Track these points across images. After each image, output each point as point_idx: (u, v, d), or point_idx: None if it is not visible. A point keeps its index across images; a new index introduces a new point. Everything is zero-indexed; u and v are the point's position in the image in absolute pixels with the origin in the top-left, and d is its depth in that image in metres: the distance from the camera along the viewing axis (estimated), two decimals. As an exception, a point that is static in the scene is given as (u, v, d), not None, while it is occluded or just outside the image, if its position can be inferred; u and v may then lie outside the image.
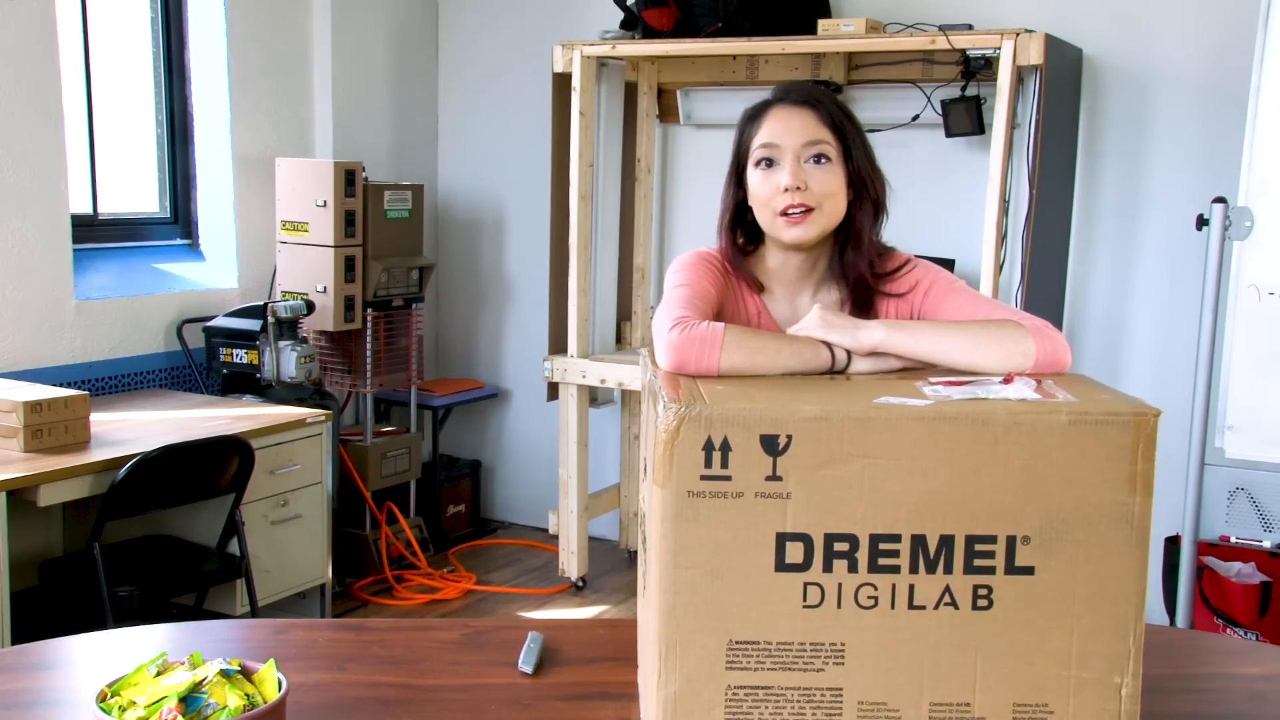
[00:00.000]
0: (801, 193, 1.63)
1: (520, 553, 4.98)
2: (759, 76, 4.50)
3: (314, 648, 1.74)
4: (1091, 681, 1.23)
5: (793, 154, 1.64)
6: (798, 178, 1.63)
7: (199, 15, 4.39)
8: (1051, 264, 3.98)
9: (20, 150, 3.71)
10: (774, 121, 1.67)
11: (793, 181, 1.63)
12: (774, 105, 1.69)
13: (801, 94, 1.69)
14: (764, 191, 1.66)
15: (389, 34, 5.00)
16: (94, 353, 3.98)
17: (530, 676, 1.62)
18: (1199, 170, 3.95)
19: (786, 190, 1.63)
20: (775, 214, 1.66)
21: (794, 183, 1.63)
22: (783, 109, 1.68)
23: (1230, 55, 3.82)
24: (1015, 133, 3.73)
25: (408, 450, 4.70)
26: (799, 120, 1.65)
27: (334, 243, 4.25)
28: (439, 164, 5.32)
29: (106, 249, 4.24)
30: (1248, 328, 3.26)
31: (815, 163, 1.65)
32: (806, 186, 1.63)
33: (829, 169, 1.65)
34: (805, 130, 1.65)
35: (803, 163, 1.64)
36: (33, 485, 3.02)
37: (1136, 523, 1.21)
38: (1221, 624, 3.39)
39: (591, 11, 4.70)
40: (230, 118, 4.41)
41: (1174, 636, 1.97)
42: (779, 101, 1.69)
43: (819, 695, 1.22)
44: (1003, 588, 1.21)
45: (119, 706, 1.28)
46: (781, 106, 1.68)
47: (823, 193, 1.64)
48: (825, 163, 1.65)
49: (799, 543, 1.19)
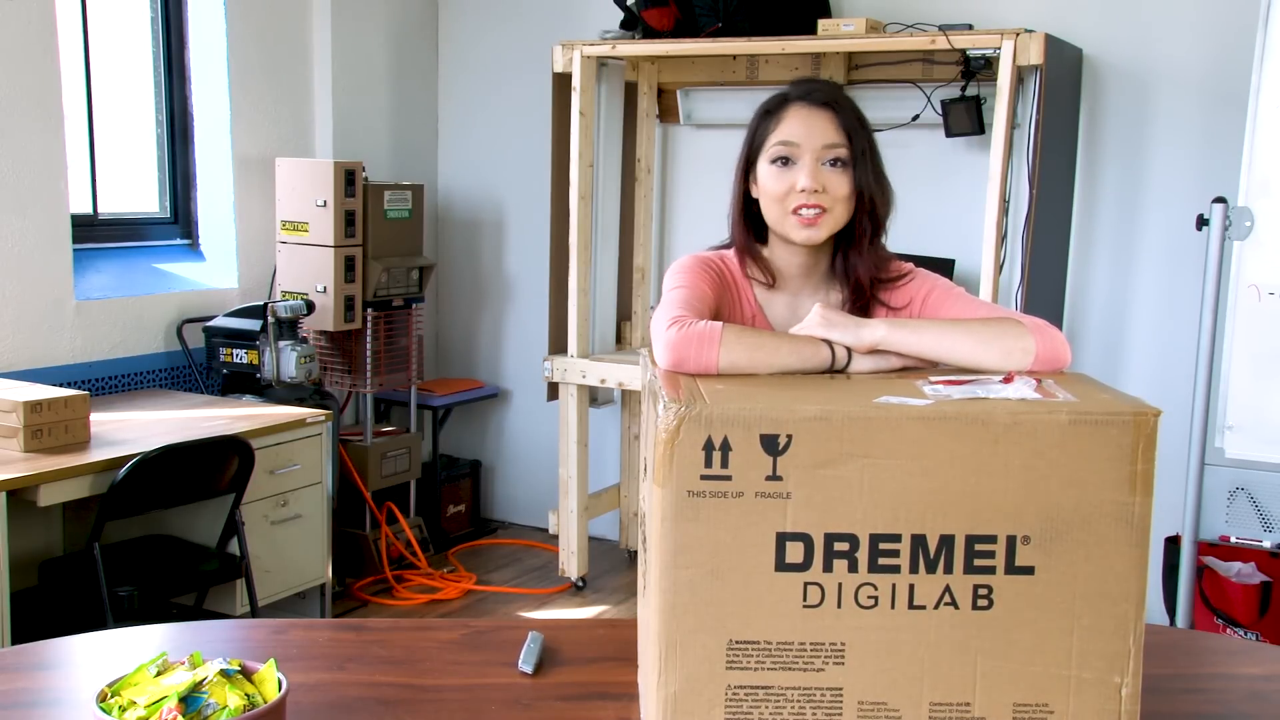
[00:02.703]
0: (818, 195, 1.64)
1: (520, 553, 4.98)
2: (759, 76, 4.50)
3: (314, 648, 1.74)
4: (1092, 681, 1.23)
5: (812, 154, 1.64)
6: (816, 179, 1.63)
7: (199, 15, 4.39)
8: (1051, 264, 3.98)
9: (20, 150, 3.71)
10: (794, 120, 1.67)
11: (811, 184, 1.63)
12: (795, 102, 1.68)
13: (824, 94, 1.68)
14: (778, 188, 1.66)
15: (389, 34, 5.00)
16: (94, 353, 3.98)
17: (530, 676, 1.62)
18: (1199, 170, 3.95)
19: (803, 190, 1.64)
20: (788, 212, 1.66)
21: (812, 185, 1.63)
22: (804, 108, 1.67)
23: (1230, 55, 3.82)
24: (1015, 133, 3.73)
25: (408, 450, 4.70)
26: (820, 121, 1.65)
27: (334, 243, 4.25)
28: (439, 164, 5.32)
29: (106, 249, 4.24)
30: (1248, 328, 3.26)
31: (832, 165, 1.65)
32: (824, 189, 1.64)
33: (843, 173, 1.66)
34: (825, 132, 1.65)
35: (821, 164, 1.65)
36: (33, 485, 3.02)
37: (1136, 523, 1.21)
38: (1221, 624, 3.39)
39: (591, 11, 4.70)
40: (230, 117, 4.41)
41: (1174, 636, 1.97)
42: (801, 99, 1.68)
43: (819, 695, 1.22)
44: (1003, 587, 1.21)
45: (119, 706, 1.28)
46: (803, 105, 1.67)
47: (836, 196, 1.65)
48: (840, 167, 1.66)
49: (799, 542, 1.19)
